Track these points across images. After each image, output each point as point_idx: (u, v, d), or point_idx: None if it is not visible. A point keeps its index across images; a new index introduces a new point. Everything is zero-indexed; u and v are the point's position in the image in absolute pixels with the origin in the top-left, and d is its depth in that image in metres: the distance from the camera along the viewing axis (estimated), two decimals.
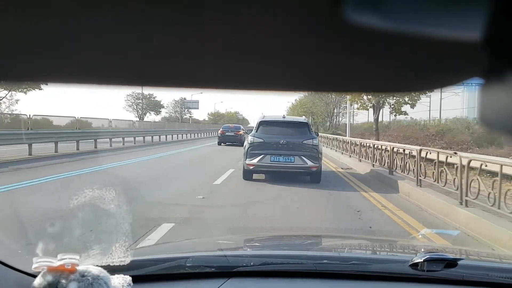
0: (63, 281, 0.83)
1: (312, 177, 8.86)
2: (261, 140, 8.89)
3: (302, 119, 10.45)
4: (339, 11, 0.27)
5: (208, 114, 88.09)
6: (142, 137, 24.27)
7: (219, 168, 11.10)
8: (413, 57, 0.32)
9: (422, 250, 1.84)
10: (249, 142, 9.04)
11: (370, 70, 0.33)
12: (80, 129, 17.18)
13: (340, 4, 0.27)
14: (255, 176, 9.04)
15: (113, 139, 19.65)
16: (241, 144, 22.98)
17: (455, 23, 0.28)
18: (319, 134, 12.23)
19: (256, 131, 9.16)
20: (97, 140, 17.97)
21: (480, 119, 0.32)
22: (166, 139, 28.73)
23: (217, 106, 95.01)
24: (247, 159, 8.83)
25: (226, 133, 24.76)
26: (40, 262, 0.84)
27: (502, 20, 0.27)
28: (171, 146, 21.67)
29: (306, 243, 2.36)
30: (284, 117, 9.91)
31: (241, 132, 24.20)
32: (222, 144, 24.04)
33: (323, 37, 0.30)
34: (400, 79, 0.35)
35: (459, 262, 1.45)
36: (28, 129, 13.52)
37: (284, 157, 8.72)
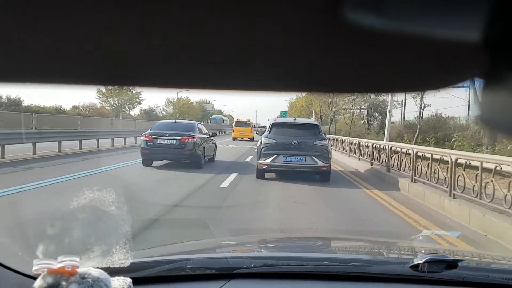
0: (64, 283, 0.82)
1: (322, 176, 9.26)
2: (274, 141, 9.27)
3: (313, 121, 11.15)
4: (339, 11, 0.27)
5: (98, 92, 37.65)
6: None
7: None
8: (413, 57, 0.32)
9: (423, 251, 1.83)
10: (262, 143, 9.40)
11: (370, 70, 0.33)
12: None
13: (340, 4, 0.27)
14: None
15: None
16: (197, 164, 10.87)
17: (455, 23, 0.28)
18: None
19: (269, 132, 9.57)
20: None
21: (480, 119, 0.32)
22: None
23: None
24: (261, 159, 9.13)
25: (159, 141, 10.91)
26: (40, 264, 0.83)
27: (502, 20, 0.27)
28: None
29: (306, 245, 2.36)
30: (295, 119, 10.61)
31: (195, 137, 11.12)
32: (150, 165, 10.81)
33: (323, 37, 0.30)
34: (400, 79, 0.35)
35: (460, 263, 1.44)
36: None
37: (296, 157, 9.11)
